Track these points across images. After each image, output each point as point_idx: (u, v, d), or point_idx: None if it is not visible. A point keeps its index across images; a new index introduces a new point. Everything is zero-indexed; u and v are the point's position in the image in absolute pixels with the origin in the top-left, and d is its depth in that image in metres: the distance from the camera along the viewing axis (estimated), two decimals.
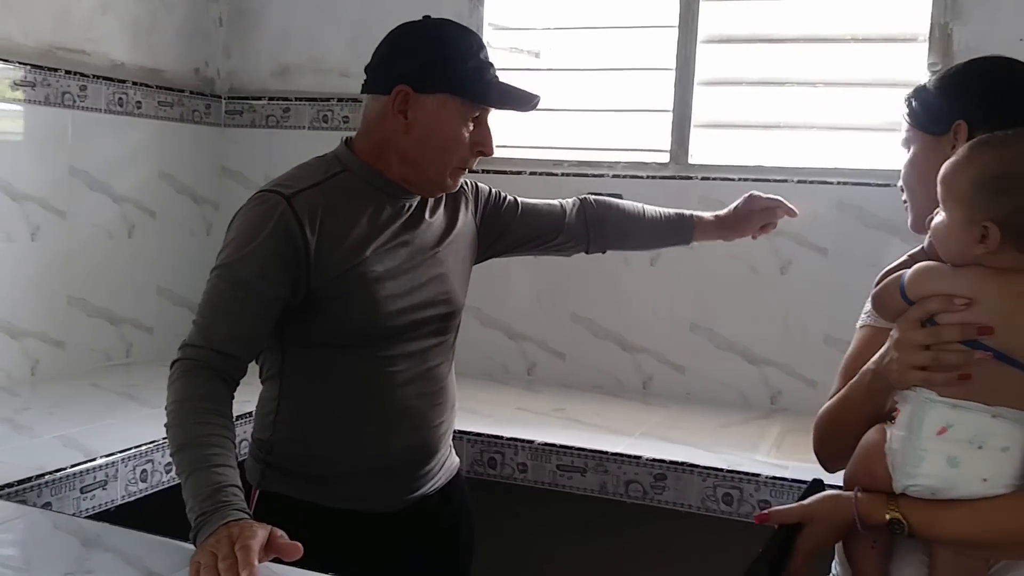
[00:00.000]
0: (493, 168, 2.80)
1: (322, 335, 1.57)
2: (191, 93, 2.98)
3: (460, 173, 1.62)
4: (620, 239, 1.94)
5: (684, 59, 2.59)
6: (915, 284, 1.18)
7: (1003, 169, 1.13)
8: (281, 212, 1.51)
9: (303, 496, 1.61)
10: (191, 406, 1.44)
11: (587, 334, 2.70)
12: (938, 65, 2.37)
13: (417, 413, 1.63)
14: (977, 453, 1.14)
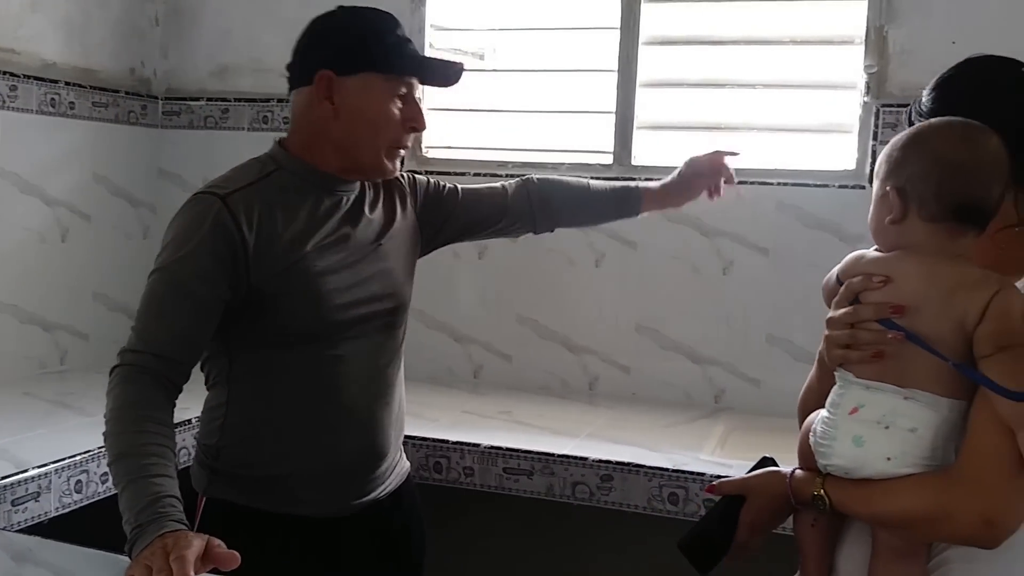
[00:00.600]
0: (436, 170, 2.79)
1: (268, 335, 1.55)
2: (126, 93, 2.91)
3: (396, 154, 1.61)
4: (567, 216, 1.90)
5: (626, 60, 2.60)
6: (845, 267, 1.23)
7: (905, 140, 1.18)
8: (217, 212, 1.49)
9: (251, 502, 1.58)
10: (129, 414, 1.40)
11: (533, 336, 2.70)
12: (874, 67, 2.42)
13: (367, 413, 1.61)
14: (883, 433, 1.16)
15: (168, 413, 1.44)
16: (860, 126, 2.45)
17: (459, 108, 2.82)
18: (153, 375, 1.44)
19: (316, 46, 1.59)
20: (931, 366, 1.14)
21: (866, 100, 2.43)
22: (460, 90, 2.74)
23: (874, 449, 1.17)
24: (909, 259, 1.17)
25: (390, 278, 1.65)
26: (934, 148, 1.17)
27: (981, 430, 1.12)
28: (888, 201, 1.18)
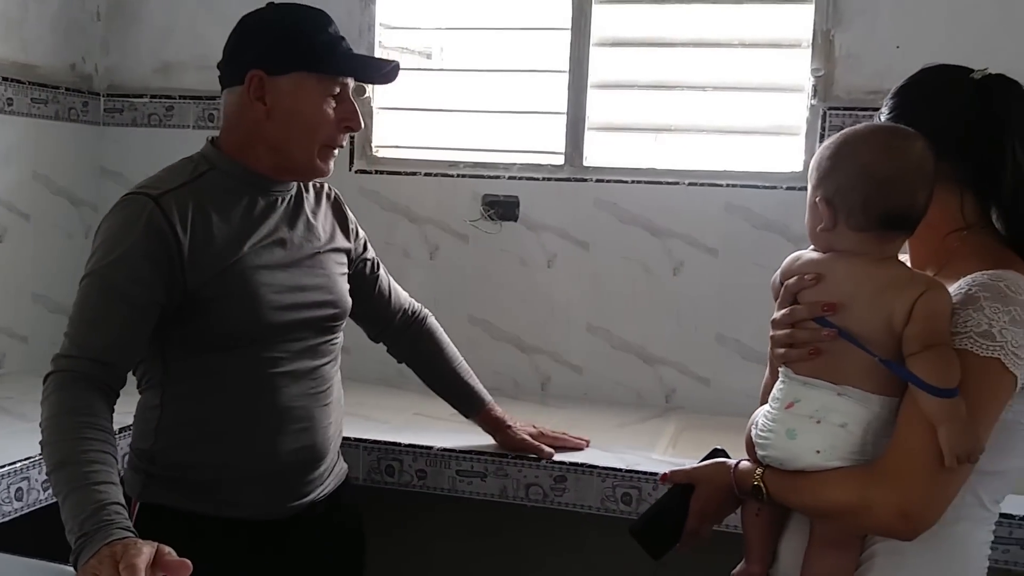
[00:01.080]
0: (388, 169, 2.77)
1: (205, 338, 1.53)
2: (67, 90, 2.83)
3: (329, 154, 1.59)
4: (419, 368, 2.00)
5: (577, 61, 2.60)
6: (784, 268, 1.30)
7: (831, 151, 1.24)
8: (150, 213, 1.46)
9: (187, 506, 1.56)
10: (68, 420, 1.37)
11: (485, 336, 2.69)
12: (821, 71, 2.45)
13: (305, 413, 1.60)
14: (814, 427, 1.22)
15: (107, 418, 1.41)
16: (807, 128, 2.48)
17: (409, 108, 2.80)
18: (89, 380, 1.41)
19: (246, 45, 1.56)
20: (863, 363, 1.20)
21: (813, 103, 2.46)
22: (411, 89, 2.76)
23: (805, 442, 1.23)
24: (841, 260, 1.24)
25: (329, 286, 1.65)
26: (860, 160, 1.21)
27: (906, 426, 1.17)
28: (818, 210, 1.24)
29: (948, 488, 1.16)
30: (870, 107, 2.42)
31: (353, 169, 2.77)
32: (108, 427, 1.40)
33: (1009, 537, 1.78)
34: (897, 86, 1.39)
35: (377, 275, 1.87)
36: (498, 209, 2.67)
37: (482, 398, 1.99)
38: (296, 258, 1.60)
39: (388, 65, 1.62)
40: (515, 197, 2.66)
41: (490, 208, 2.67)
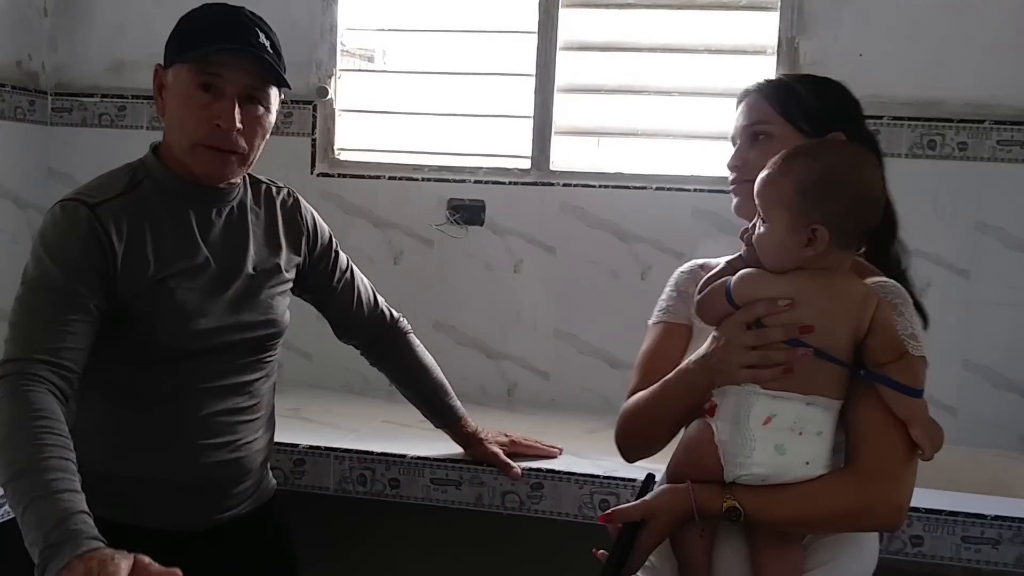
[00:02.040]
0: (351, 172, 2.72)
1: (128, 351, 1.49)
2: (13, 88, 2.72)
3: (207, 153, 1.50)
4: (392, 376, 1.96)
5: (544, 65, 2.59)
6: (742, 290, 1.27)
7: (824, 175, 1.23)
8: (87, 219, 1.43)
9: (104, 514, 1.49)
10: (23, 425, 1.29)
11: (450, 342, 2.65)
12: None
13: (228, 429, 1.56)
14: (798, 439, 1.24)
15: (63, 422, 1.34)
16: None
17: (373, 110, 2.76)
18: (42, 383, 1.34)
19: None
20: (829, 373, 1.24)
21: None
22: (375, 92, 2.71)
23: (794, 456, 1.24)
24: (813, 279, 1.25)
25: (265, 305, 1.60)
26: (858, 186, 1.25)
27: (881, 429, 1.25)
28: (805, 234, 1.23)
29: (915, 478, 1.28)
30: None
31: (315, 172, 2.71)
32: (66, 432, 1.33)
33: (981, 537, 1.81)
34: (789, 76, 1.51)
35: (345, 280, 1.81)
36: (464, 213, 2.64)
37: (456, 413, 1.96)
38: (227, 277, 1.55)
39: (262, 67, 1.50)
40: (481, 201, 2.63)
41: (455, 212, 2.64)
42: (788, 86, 1.45)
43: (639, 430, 1.42)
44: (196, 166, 1.51)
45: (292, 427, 2.16)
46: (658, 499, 1.30)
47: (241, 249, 1.58)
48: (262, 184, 1.68)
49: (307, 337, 2.58)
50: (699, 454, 1.29)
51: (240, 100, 1.49)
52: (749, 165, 1.39)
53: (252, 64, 1.49)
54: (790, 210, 1.24)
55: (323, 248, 1.76)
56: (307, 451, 2.07)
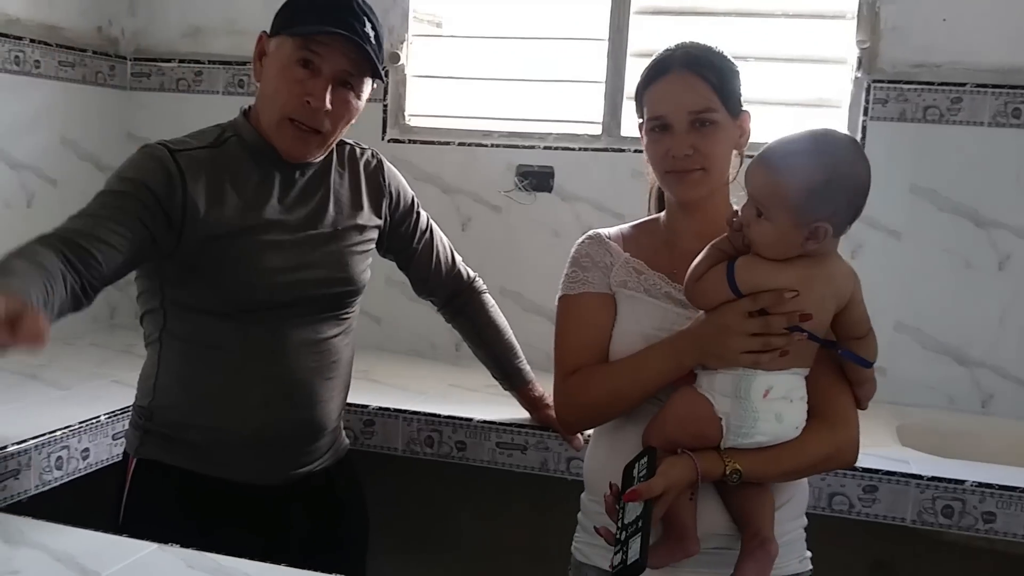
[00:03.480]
0: (421, 139, 2.73)
1: (202, 302, 1.53)
2: (94, 53, 2.79)
3: (291, 128, 1.52)
4: (465, 334, 1.98)
5: (617, 30, 2.55)
6: (747, 279, 1.32)
7: (828, 176, 1.28)
8: (164, 160, 1.48)
9: (181, 464, 1.57)
10: (15, 251, 1.29)
11: (517, 308, 2.65)
12: (866, 43, 2.40)
13: (305, 388, 1.59)
14: (791, 406, 1.36)
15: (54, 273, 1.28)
16: (851, 101, 2.44)
17: (444, 76, 2.76)
18: (51, 245, 1.33)
19: None
20: (809, 348, 1.35)
21: (857, 75, 2.42)
22: (446, 58, 2.71)
23: (789, 421, 1.37)
24: (814, 267, 1.31)
25: (344, 263, 1.62)
26: (857, 180, 1.30)
27: (839, 386, 1.41)
28: (808, 230, 1.28)
29: None
30: (915, 80, 2.38)
31: (386, 138, 2.73)
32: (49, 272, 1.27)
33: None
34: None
35: (425, 240, 1.84)
36: (532, 180, 2.63)
37: (524, 376, 1.97)
38: (307, 235, 1.58)
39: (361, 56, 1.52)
40: (550, 167, 2.62)
41: (524, 178, 2.64)
42: (720, 70, 1.48)
43: (612, 403, 1.45)
44: (279, 140, 1.54)
45: (363, 388, 2.20)
46: (674, 471, 1.33)
47: (321, 208, 1.61)
48: (347, 145, 1.71)
49: (377, 301, 2.62)
50: (698, 426, 1.35)
51: (334, 83, 1.52)
52: (699, 152, 1.43)
53: (353, 51, 1.51)
54: (795, 209, 1.28)
55: (405, 210, 1.78)
56: (377, 412, 2.11)
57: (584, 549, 1.54)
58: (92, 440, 1.88)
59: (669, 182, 1.48)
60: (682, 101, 1.44)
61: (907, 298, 2.41)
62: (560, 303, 1.54)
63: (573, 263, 1.55)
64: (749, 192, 1.33)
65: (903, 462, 1.90)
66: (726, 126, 1.45)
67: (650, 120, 1.48)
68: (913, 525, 1.86)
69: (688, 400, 1.37)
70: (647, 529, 1.27)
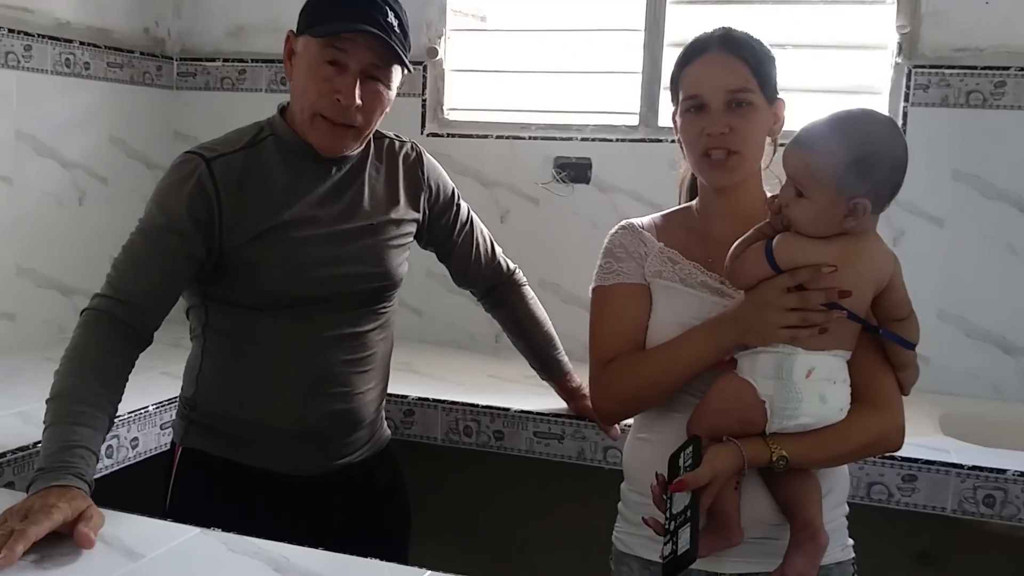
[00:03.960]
0: (459, 132, 2.76)
1: (242, 298, 1.57)
2: (141, 54, 2.86)
3: (324, 125, 1.55)
4: (504, 325, 2.00)
5: (654, 20, 2.55)
6: (786, 254, 1.32)
7: (863, 153, 1.29)
8: (199, 175, 1.51)
9: (224, 454, 1.61)
10: (78, 357, 1.42)
11: (555, 300, 2.66)
12: (906, 28, 2.37)
13: (342, 378, 1.62)
14: (834, 388, 1.35)
15: (121, 361, 1.45)
16: (891, 87, 2.41)
17: (481, 69, 2.78)
18: (115, 321, 1.46)
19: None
20: (849, 329, 1.35)
21: (898, 61, 2.39)
22: (482, 51, 2.73)
23: (833, 402, 1.35)
24: (850, 245, 1.31)
25: (379, 258, 1.64)
26: (894, 156, 1.31)
27: (883, 369, 1.40)
28: (846, 207, 1.29)
29: None
30: (957, 65, 2.34)
31: (425, 132, 2.76)
32: (116, 370, 1.44)
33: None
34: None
35: (465, 232, 1.85)
36: (570, 171, 2.64)
37: (562, 367, 1.99)
38: (341, 229, 1.60)
39: (387, 49, 1.53)
40: (587, 159, 2.64)
41: (562, 170, 2.65)
42: (758, 52, 1.47)
43: (649, 391, 1.44)
44: (313, 136, 1.57)
45: (402, 379, 2.23)
46: (720, 460, 1.32)
47: (355, 202, 1.63)
48: (386, 139, 1.73)
49: (417, 294, 2.67)
50: (743, 412, 1.35)
51: (362, 77, 1.54)
52: (735, 133, 1.42)
53: (378, 44, 1.53)
54: (833, 187, 1.28)
55: (444, 203, 1.79)
56: (416, 402, 2.14)
57: (625, 539, 1.54)
58: (141, 430, 1.94)
59: (703, 167, 1.46)
60: (719, 80, 1.42)
61: (950, 286, 2.38)
62: (594, 294, 1.54)
63: (607, 254, 1.55)
64: (788, 173, 1.33)
65: (943, 451, 1.89)
66: (761, 109, 1.45)
67: (686, 100, 1.46)
68: (954, 515, 1.84)
69: (731, 386, 1.36)
70: (696, 519, 1.26)
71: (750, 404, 1.34)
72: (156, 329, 1.52)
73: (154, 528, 1.31)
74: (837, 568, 1.46)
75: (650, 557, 1.48)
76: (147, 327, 1.50)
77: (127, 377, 1.47)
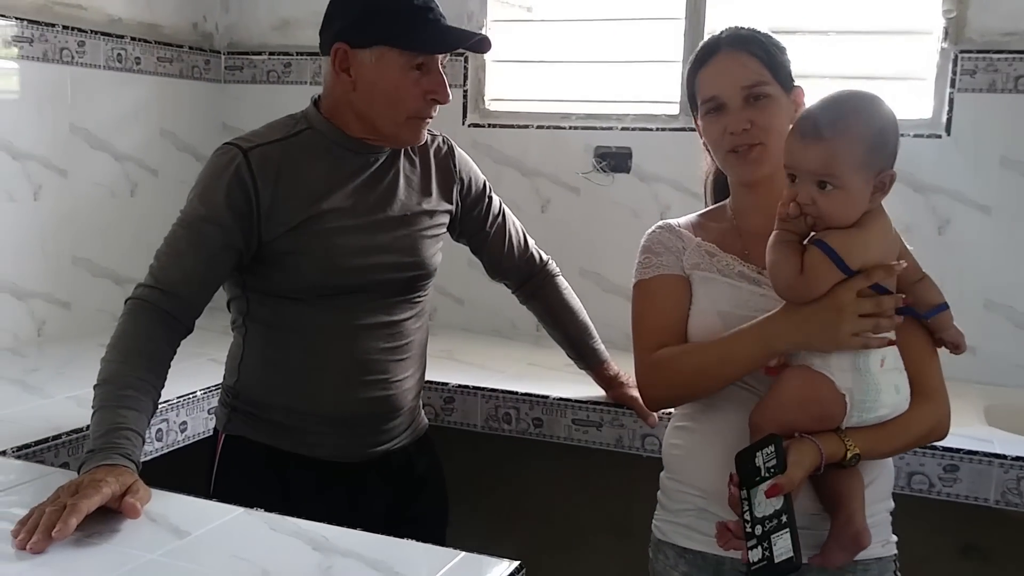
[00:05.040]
0: (501, 123, 2.78)
1: (281, 287, 1.61)
2: (190, 48, 2.93)
3: (419, 124, 1.60)
4: (540, 315, 2.02)
5: (694, 8, 2.55)
6: (854, 253, 1.30)
7: (878, 125, 1.31)
8: (237, 165, 1.54)
9: (265, 440, 1.66)
10: (124, 345, 1.48)
11: (596, 289, 2.68)
12: (952, 12, 2.34)
13: (379, 366, 1.65)
14: (902, 376, 1.36)
15: (164, 348, 1.51)
16: (937, 73, 2.37)
17: (522, 60, 2.79)
18: (158, 310, 1.51)
19: (334, 16, 1.60)
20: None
21: (944, 46, 2.36)
22: (523, 42, 2.74)
23: (904, 391, 1.36)
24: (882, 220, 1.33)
25: (413, 248, 1.67)
26: (894, 121, 1.33)
27: (929, 356, 1.41)
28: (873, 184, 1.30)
29: None
30: (1005, 50, 2.30)
31: (466, 123, 2.79)
32: (160, 357, 1.50)
33: None
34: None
35: (497, 224, 1.87)
36: (610, 161, 2.65)
37: (599, 355, 2.00)
38: (376, 219, 1.63)
39: (473, 38, 1.59)
40: (628, 148, 2.64)
41: (602, 160, 2.66)
42: (767, 45, 1.47)
43: (698, 383, 1.44)
44: (406, 136, 1.61)
45: (444, 367, 2.27)
46: (808, 459, 1.30)
47: (390, 193, 1.66)
48: None
49: (459, 283, 2.70)
50: (822, 406, 1.32)
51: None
52: (757, 126, 1.43)
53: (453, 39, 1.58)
54: (863, 167, 1.29)
55: (476, 195, 1.82)
56: (456, 389, 2.17)
57: (663, 527, 1.55)
58: (189, 414, 2.00)
59: (730, 163, 1.48)
60: (733, 78, 1.45)
61: (998, 275, 2.34)
62: (635, 289, 1.56)
63: (645, 251, 1.57)
64: (806, 168, 1.30)
65: (987, 441, 1.86)
66: (780, 100, 1.46)
67: (704, 103, 1.49)
68: (997, 506, 1.82)
69: (807, 381, 1.33)
70: (794, 524, 1.23)
71: (830, 399, 1.32)
72: (197, 317, 1.57)
73: (199, 507, 1.35)
74: (876, 564, 1.44)
75: (686, 545, 1.49)
76: (188, 316, 1.55)
77: (170, 363, 1.52)
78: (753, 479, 1.29)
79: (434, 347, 1.87)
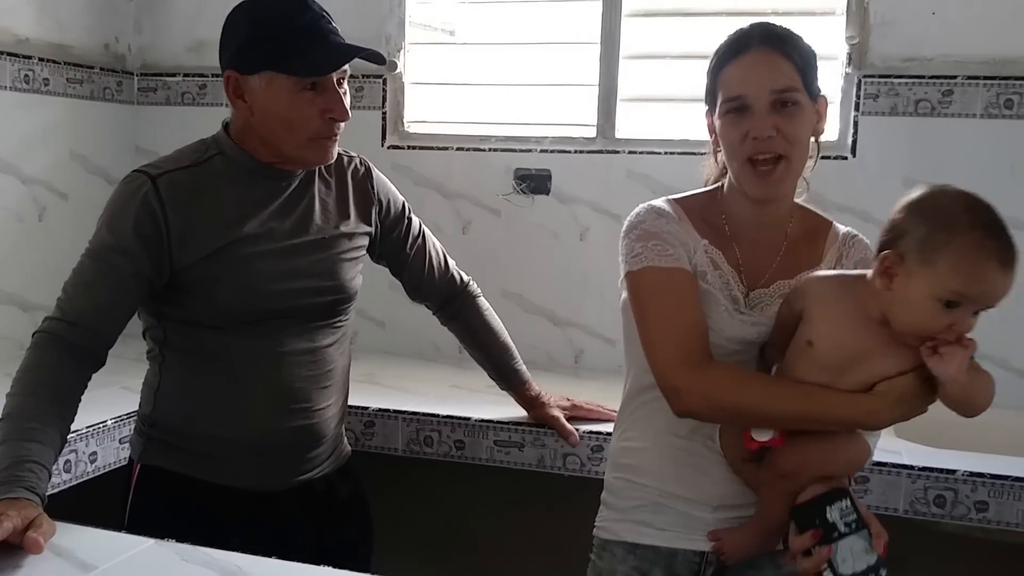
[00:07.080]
0: (420, 144, 2.78)
1: (197, 315, 1.57)
2: (101, 69, 2.86)
3: (324, 143, 1.58)
4: (461, 337, 2.01)
5: (609, 33, 2.59)
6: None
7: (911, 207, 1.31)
8: (145, 192, 1.51)
9: (183, 470, 1.62)
10: (29, 378, 1.44)
11: (518, 310, 2.70)
12: (855, 38, 2.43)
13: (302, 394, 1.63)
14: None
15: (72, 382, 1.48)
16: (842, 97, 2.46)
17: (441, 83, 2.80)
18: (66, 343, 1.47)
19: (224, 44, 1.58)
20: None
21: (848, 71, 2.44)
22: (442, 64, 2.75)
23: None
24: None
25: (333, 271, 1.65)
26: None
27: None
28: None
29: None
30: (905, 75, 2.40)
31: (386, 145, 2.78)
32: (67, 390, 1.46)
33: None
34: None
35: (417, 246, 1.87)
36: (530, 183, 2.67)
37: (521, 376, 2.01)
38: (293, 244, 1.61)
39: (362, 52, 1.56)
40: (547, 170, 2.67)
41: (522, 182, 2.68)
42: (803, 49, 1.41)
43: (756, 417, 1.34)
44: (313, 157, 1.59)
45: (364, 391, 2.25)
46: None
47: (306, 216, 1.64)
48: None
49: (380, 306, 2.68)
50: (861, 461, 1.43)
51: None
52: (782, 135, 1.35)
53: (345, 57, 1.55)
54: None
55: (395, 217, 1.81)
56: (377, 413, 2.15)
57: (611, 527, 1.52)
58: (100, 444, 1.94)
59: (747, 175, 1.37)
60: (764, 79, 1.34)
61: None
62: (647, 275, 1.39)
63: (653, 236, 1.41)
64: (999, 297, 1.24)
65: (895, 453, 1.92)
66: (807, 109, 1.37)
67: (727, 101, 1.37)
68: (906, 515, 1.87)
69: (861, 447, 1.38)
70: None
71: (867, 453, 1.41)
72: (109, 349, 1.53)
73: (107, 540, 1.31)
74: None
75: (637, 540, 1.48)
76: (99, 348, 1.51)
77: (79, 397, 1.48)
78: (831, 535, 1.29)
79: (356, 371, 1.85)
